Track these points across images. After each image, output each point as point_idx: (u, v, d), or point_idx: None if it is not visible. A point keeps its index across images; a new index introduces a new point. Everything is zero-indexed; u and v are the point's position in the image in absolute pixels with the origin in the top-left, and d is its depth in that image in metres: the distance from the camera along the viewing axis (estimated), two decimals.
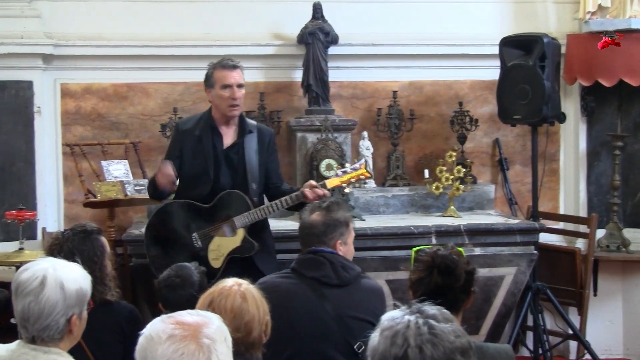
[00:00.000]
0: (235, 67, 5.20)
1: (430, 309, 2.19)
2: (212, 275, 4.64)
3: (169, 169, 5.06)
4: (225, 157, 5.21)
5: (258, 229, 5.18)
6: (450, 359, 2.08)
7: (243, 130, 5.24)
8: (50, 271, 2.97)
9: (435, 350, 2.09)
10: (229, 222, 5.11)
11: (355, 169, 5.19)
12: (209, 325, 2.32)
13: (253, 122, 5.46)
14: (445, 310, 2.21)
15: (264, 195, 5.33)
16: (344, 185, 5.22)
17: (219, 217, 5.14)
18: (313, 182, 5.11)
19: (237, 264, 5.03)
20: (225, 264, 5.08)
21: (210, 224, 5.15)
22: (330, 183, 5.14)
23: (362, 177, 5.22)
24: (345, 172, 5.19)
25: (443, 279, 3.43)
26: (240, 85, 5.17)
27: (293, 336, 3.96)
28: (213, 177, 5.17)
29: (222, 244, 5.12)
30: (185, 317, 2.33)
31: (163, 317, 2.34)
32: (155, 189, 5.19)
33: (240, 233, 5.10)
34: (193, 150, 5.21)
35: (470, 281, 3.51)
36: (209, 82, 5.22)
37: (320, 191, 5.04)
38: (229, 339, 2.39)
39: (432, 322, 2.13)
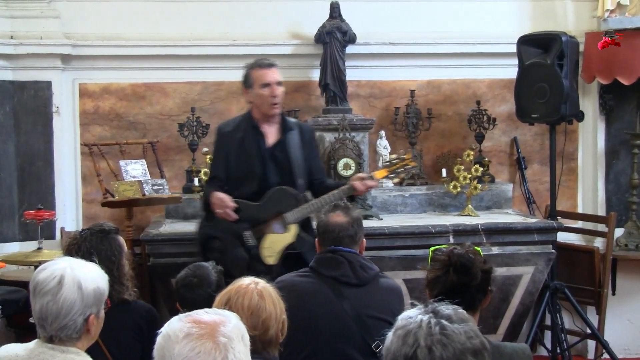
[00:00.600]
0: (272, 65, 5.24)
1: (446, 308, 2.19)
2: (268, 272, 4.67)
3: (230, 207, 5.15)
4: (271, 155, 5.25)
5: (305, 225, 5.23)
6: None
7: (285, 127, 5.28)
8: (68, 271, 2.98)
9: (445, 351, 2.09)
10: (280, 218, 5.15)
11: (401, 159, 5.26)
12: (226, 324, 2.32)
13: (292, 119, 5.55)
14: (461, 310, 2.21)
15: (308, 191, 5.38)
16: (391, 175, 5.30)
17: (269, 214, 5.16)
18: (362, 174, 5.21)
19: (288, 261, 5.09)
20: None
21: (261, 221, 5.17)
22: (378, 174, 5.22)
23: (407, 166, 5.28)
24: (391, 163, 5.27)
25: (459, 277, 3.41)
26: (279, 83, 5.21)
27: (311, 335, 3.96)
28: (260, 176, 5.21)
29: (276, 241, 5.14)
30: (203, 316, 2.34)
31: (180, 315, 2.35)
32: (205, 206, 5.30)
33: (293, 229, 5.15)
34: (237, 152, 5.24)
35: (487, 280, 3.49)
36: (247, 82, 5.24)
37: (370, 182, 5.14)
38: (247, 337, 2.39)
39: (445, 322, 2.12)
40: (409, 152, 5.38)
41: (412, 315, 2.19)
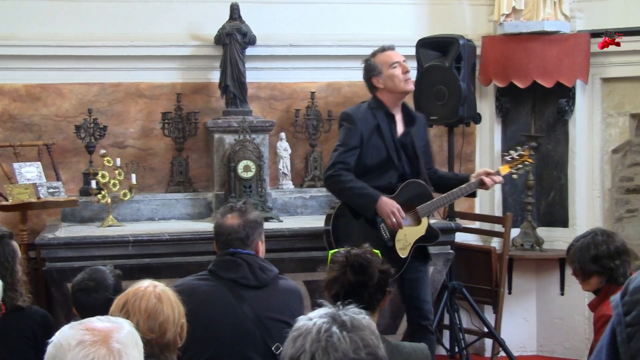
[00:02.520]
0: (393, 47, 5.33)
1: (345, 314, 2.18)
2: (400, 265, 4.80)
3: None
4: (401, 145, 5.27)
5: None
6: None
7: (410, 117, 5.34)
8: None
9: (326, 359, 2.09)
10: (413, 211, 5.18)
11: (520, 155, 5.45)
12: (119, 330, 2.28)
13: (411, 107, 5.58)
14: (362, 317, 2.19)
15: None
16: (514, 171, 5.46)
17: (402, 207, 5.13)
18: (488, 169, 5.37)
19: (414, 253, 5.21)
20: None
21: None
22: (503, 170, 5.39)
23: (526, 162, 5.49)
24: (513, 159, 5.44)
25: (356, 277, 3.45)
26: (405, 60, 5.28)
27: (212, 338, 3.93)
28: (397, 166, 5.24)
29: (409, 234, 5.17)
30: (95, 323, 2.29)
31: (72, 323, 2.30)
32: (362, 207, 5.16)
33: (425, 222, 5.23)
34: (374, 140, 5.21)
35: (384, 280, 3.54)
36: (374, 71, 5.25)
37: (497, 178, 5.31)
38: (140, 344, 2.35)
39: (335, 329, 2.12)
40: (527, 149, 5.57)
41: (312, 317, 2.18)
